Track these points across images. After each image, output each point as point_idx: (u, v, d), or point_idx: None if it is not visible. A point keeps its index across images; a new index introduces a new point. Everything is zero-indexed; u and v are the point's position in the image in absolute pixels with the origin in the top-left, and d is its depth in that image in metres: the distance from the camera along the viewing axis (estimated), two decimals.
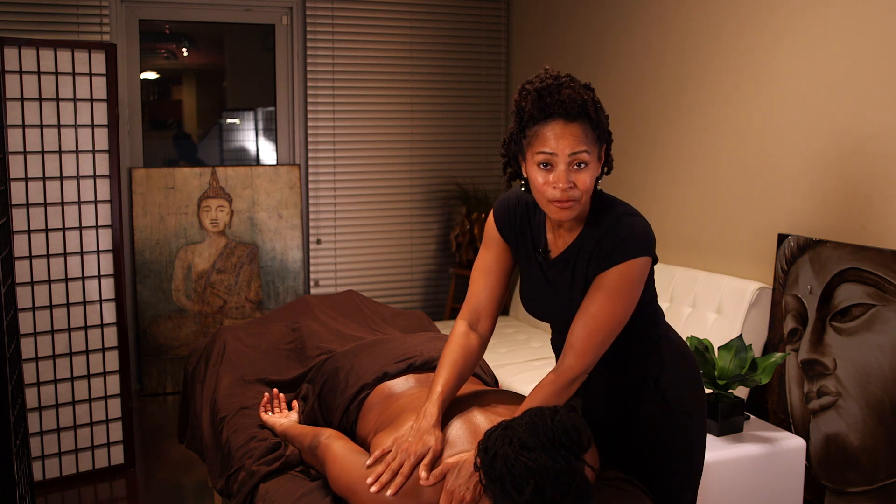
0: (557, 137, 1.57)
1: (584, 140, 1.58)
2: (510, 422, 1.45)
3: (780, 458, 2.53)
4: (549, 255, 1.76)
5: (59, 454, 3.23)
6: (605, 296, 1.64)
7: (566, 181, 1.58)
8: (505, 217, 1.81)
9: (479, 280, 1.84)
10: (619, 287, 1.63)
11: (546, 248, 1.76)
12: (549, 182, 1.59)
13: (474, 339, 1.81)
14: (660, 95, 3.64)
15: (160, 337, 4.42)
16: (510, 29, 5.01)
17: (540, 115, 1.59)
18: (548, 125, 1.58)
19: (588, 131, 1.59)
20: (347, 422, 2.01)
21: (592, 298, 1.65)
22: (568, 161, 1.58)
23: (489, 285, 1.83)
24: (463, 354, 1.78)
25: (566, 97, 1.57)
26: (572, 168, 1.58)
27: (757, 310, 2.94)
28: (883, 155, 2.58)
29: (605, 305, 1.64)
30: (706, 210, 3.37)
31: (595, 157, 1.62)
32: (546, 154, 1.58)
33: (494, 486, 1.41)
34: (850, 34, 2.69)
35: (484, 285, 1.83)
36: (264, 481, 1.90)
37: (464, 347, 1.79)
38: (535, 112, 1.60)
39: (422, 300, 5.04)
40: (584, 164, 1.59)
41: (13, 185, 3.03)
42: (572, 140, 1.57)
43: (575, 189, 1.59)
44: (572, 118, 1.57)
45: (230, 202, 4.54)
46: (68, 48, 3.13)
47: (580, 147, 1.58)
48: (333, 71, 4.67)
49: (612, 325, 1.66)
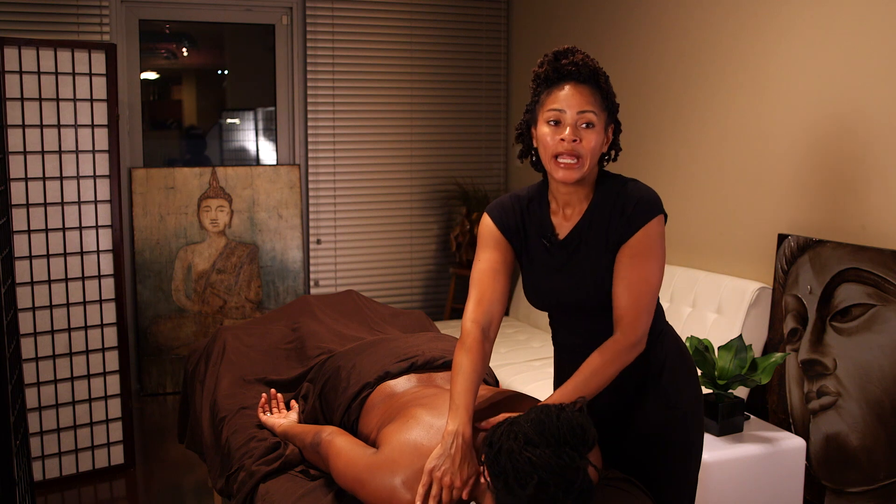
0: (568, 96, 1.68)
1: (592, 102, 1.68)
2: (516, 417, 1.46)
3: (780, 458, 2.53)
4: (556, 237, 1.77)
5: (59, 454, 3.23)
6: (637, 261, 1.69)
7: (572, 135, 1.66)
8: (503, 216, 1.82)
9: (488, 282, 1.78)
10: (647, 248, 1.69)
11: (553, 232, 1.78)
12: (557, 137, 1.67)
13: (488, 346, 1.77)
14: (660, 95, 3.64)
15: (160, 337, 4.42)
16: (510, 29, 5.01)
17: (555, 76, 1.70)
18: (560, 87, 1.69)
19: (597, 96, 1.70)
20: (349, 421, 2.01)
21: (627, 266, 1.69)
22: (576, 119, 1.67)
23: (500, 287, 1.79)
24: (484, 364, 1.72)
25: (579, 60, 1.69)
26: (580, 126, 1.67)
27: (757, 310, 2.95)
28: (883, 155, 2.58)
29: (640, 270, 1.68)
30: (706, 210, 3.38)
31: (602, 123, 1.70)
32: (556, 111, 1.68)
33: (498, 480, 1.42)
34: (851, 35, 2.69)
35: (495, 287, 1.78)
36: (264, 481, 1.90)
37: (482, 356, 1.72)
38: (550, 73, 1.71)
39: (422, 300, 5.04)
40: (592, 124, 1.68)
41: (13, 185, 3.03)
42: (581, 99, 1.68)
43: (580, 145, 1.66)
44: (583, 80, 1.69)
45: (230, 202, 4.54)
46: (68, 48, 3.13)
47: (588, 107, 1.68)
48: (333, 71, 4.68)
49: (653, 287, 1.70)
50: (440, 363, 2.10)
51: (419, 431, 1.68)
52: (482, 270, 1.79)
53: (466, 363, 1.69)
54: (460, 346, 1.73)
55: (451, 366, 1.74)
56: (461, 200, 4.89)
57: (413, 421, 1.71)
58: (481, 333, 1.74)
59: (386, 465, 1.64)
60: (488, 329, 1.76)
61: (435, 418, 1.71)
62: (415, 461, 1.63)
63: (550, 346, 3.72)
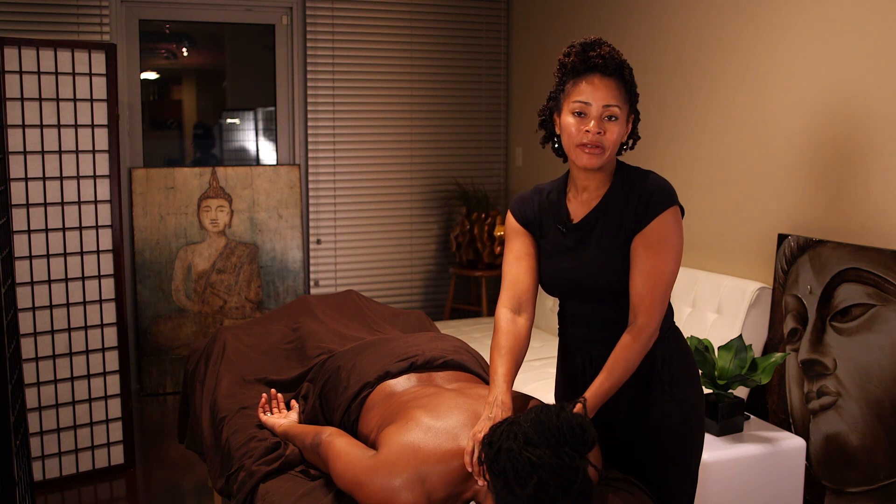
0: (594, 89, 1.72)
1: (617, 96, 1.73)
2: (516, 417, 1.46)
3: (780, 458, 2.53)
4: (571, 222, 1.82)
5: (59, 454, 3.23)
6: (654, 250, 1.73)
7: (597, 127, 1.71)
8: (523, 208, 1.89)
9: (515, 266, 1.86)
10: (662, 239, 1.74)
11: (568, 217, 1.83)
12: (582, 128, 1.72)
13: (522, 324, 1.82)
14: (660, 95, 3.64)
15: (160, 337, 4.42)
16: (510, 29, 5.01)
17: (581, 67, 1.74)
18: (586, 78, 1.73)
19: (622, 89, 1.74)
20: (349, 420, 2.01)
21: (643, 256, 1.74)
22: (601, 112, 1.72)
23: (527, 269, 1.86)
24: (516, 340, 1.79)
25: (606, 53, 1.73)
26: (604, 119, 1.72)
27: (757, 310, 2.95)
28: (883, 155, 2.58)
29: (657, 259, 1.73)
30: (706, 210, 3.38)
31: (624, 116, 1.75)
32: (581, 103, 1.72)
33: (497, 480, 1.42)
34: (852, 35, 2.69)
35: (521, 270, 1.85)
36: (264, 481, 1.90)
37: (514, 334, 1.79)
38: (577, 64, 1.74)
39: (422, 300, 5.04)
40: (616, 117, 1.73)
41: (13, 185, 3.03)
42: (607, 93, 1.72)
43: (604, 137, 1.71)
44: (609, 73, 1.73)
45: (230, 202, 4.55)
46: (68, 48, 3.13)
47: (613, 101, 1.72)
48: (333, 71, 4.68)
49: (669, 276, 1.75)
50: (440, 363, 2.10)
51: (418, 433, 1.68)
52: (508, 261, 1.88)
53: (499, 339, 1.78)
54: (494, 331, 1.81)
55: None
56: (461, 200, 4.90)
57: (412, 423, 1.71)
58: (511, 312, 1.82)
59: (384, 468, 1.64)
60: (518, 307, 1.83)
61: (434, 420, 1.71)
62: (413, 463, 1.62)
63: (551, 346, 3.72)
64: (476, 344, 3.66)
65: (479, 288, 5.03)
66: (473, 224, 4.73)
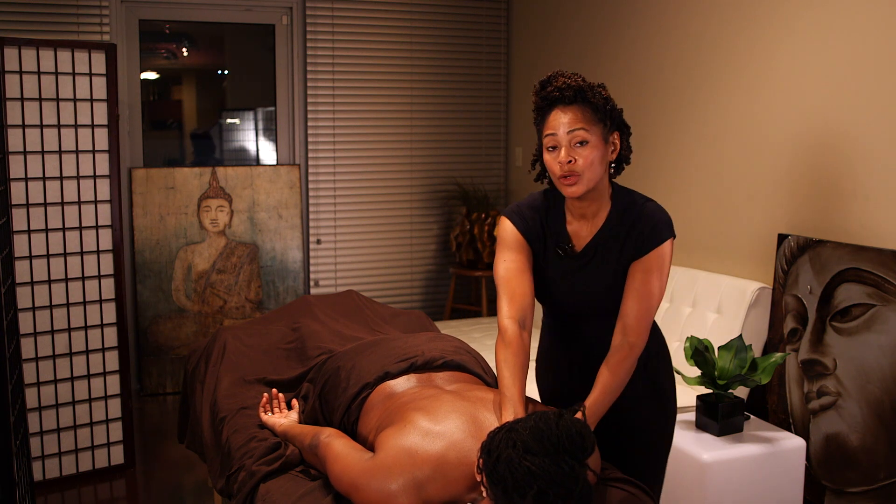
0: (556, 120, 1.78)
1: (580, 119, 1.76)
2: (514, 424, 1.45)
3: (780, 458, 2.53)
4: (573, 249, 1.88)
5: (59, 454, 3.23)
6: (648, 276, 1.82)
7: (566, 156, 1.76)
8: (524, 221, 1.92)
9: (517, 280, 1.88)
10: (657, 266, 1.83)
11: (570, 243, 1.88)
12: (556, 161, 1.78)
13: (527, 339, 1.87)
14: (660, 96, 3.64)
15: (160, 337, 4.42)
16: (510, 29, 5.01)
17: (544, 104, 1.81)
18: (551, 112, 1.80)
19: (586, 112, 1.77)
20: (348, 421, 2.01)
21: (638, 280, 1.82)
22: (568, 139, 1.76)
23: (527, 283, 1.89)
24: (525, 355, 1.84)
25: (562, 84, 1.78)
26: (573, 146, 1.76)
27: (757, 310, 2.95)
28: (883, 155, 2.58)
29: (649, 284, 1.82)
30: (706, 210, 3.38)
31: (597, 136, 1.78)
32: (550, 136, 1.79)
33: (496, 488, 1.40)
34: (850, 36, 2.69)
35: (526, 284, 1.88)
36: (264, 481, 1.90)
37: (524, 348, 1.84)
38: (539, 102, 1.82)
39: (422, 300, 5.04)
40: (584, 141, 1.76)
41: (13, 185, 3.03)
42: (568, 120, 1.77)
43: (576, 164, 1.75)
44: (569, 102, 1.78)
45: (230, 202, 4.54)
46: (68, 48, 3.13)
47: (576, 125, 1.76)
48: (333, 71, 4.68)
49: (657, 300, 1.84)
50: (440, 363, 2.10)
51: (415, 437, 1.66)
52: (509, 269, 1.89)
53: (510, 356, 1.80)
54: (500, 342, 1.83)
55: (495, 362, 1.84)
56: (461, 200, 4.89)
57: (410, 426, 1.70)
58: (518, 327, 1.85)
59: (380, 471, 1.63)
60: (524, 322, 1.87)
61: (433, 423, 1.69)
62: (409, 468, 1.61)
63: None
64: (476, 344, 3.65)
65: (479, 288, 5.04)
66: (473, 224, 4.73)
